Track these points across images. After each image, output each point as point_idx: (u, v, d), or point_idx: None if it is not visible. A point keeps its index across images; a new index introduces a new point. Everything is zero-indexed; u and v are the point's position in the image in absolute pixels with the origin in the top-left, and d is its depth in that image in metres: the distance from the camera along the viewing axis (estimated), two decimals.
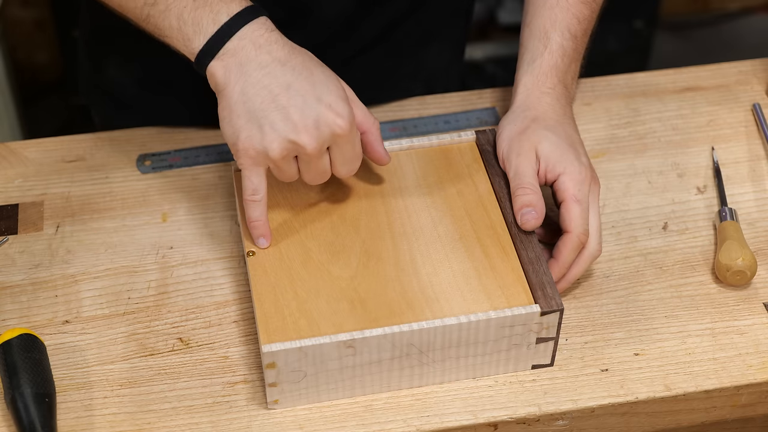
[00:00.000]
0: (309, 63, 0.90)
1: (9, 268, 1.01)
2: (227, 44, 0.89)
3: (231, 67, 0.89)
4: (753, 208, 1.07)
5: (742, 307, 0.98)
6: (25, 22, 2.32)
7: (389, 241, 0.94)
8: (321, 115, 0.88)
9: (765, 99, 1.18)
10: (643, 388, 0.91)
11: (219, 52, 0.89)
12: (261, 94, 0.88)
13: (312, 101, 0.88)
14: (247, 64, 0.89)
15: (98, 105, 1.25)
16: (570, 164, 0.95)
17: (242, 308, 0.97)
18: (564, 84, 1.03)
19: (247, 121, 0.88)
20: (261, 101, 0.88)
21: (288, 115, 0.87)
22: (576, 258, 0.94)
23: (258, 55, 0.89)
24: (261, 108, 0.88)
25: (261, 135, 0.88)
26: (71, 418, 0.89)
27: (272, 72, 0.88)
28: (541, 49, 1.03)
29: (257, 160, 0.89)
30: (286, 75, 0.88)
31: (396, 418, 0.89)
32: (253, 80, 0.88)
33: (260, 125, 0.88)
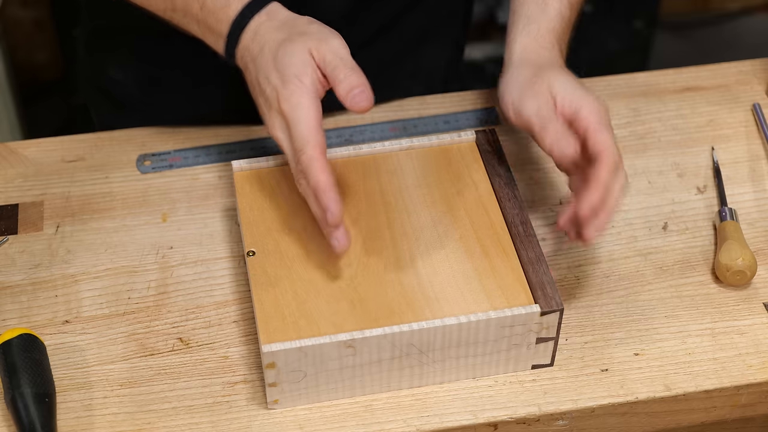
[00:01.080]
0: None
1: (9, 268, 1.01)
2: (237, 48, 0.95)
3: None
4: (753, 208, 1.07)
5: (742, 307, 0.98)
6: (25, 22, 2.32)
7: (389, 241, 0.94)
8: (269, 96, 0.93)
9: (765, 99, 1.18)
10: (643, 388, 0.91)
11: (236, 55, 0.95)
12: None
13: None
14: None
15: (98, 105, 1.25)
16: (586, 97, 0.94)
17: (242, 308, 0.97)
18: (560, 47, 1.02)
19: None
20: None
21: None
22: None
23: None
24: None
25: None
26: (71, 418, 0.89)
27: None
28: (538, 13, 1.02)
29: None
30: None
31: (396, 418, 0.89)
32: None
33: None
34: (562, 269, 1.01)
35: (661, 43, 2.44)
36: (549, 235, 1.04)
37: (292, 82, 0.89)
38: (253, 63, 0.93)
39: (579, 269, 1.01)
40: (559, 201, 1.07)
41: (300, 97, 0.89)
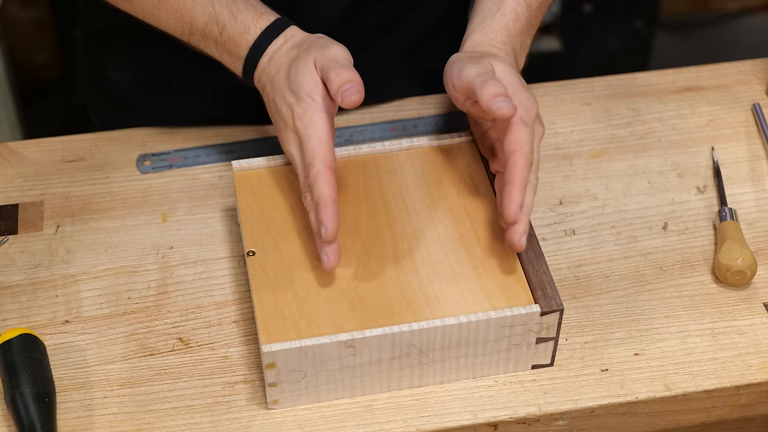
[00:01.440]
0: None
1: (9, 268, 1.01)
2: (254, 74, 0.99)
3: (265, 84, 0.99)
4: (753, 208, 1.07)
5: (742, 307, 0.98)
6: (25, 22, 2.32)
7: (389, 241, 0.94)
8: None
9: (765, 99, 1.18)
10: (643, 388, 0.91)
11: (255, 78, 1.00)
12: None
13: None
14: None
15: (97, 105, 1.25)
16: (518, 91, 0.94)
17: (242, 308, 0.97)
18: (512, 47, 1.02)
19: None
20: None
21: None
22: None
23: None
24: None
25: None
26: (71, 418, 0.89)
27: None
28: (493, 10, 1.03)
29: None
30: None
31: (396, 418, 0.89)
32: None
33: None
34: (562, 269, 1.01)
35: (661, 43, 2.44)
36: (549, 235, 1.04)
37: (305, 101, 0.92)
38: (270, 84, 0.96)
39: (579, 269, 1.01)
40: (559, 201, 1.07)
41: (312, 115, 0.92)
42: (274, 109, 0.96)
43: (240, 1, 0.99)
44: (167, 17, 1.00)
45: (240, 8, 0.98)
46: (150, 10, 1.01)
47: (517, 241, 0.90)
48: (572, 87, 1.20)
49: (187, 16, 0.99)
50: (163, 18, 1.01)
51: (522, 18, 1.03)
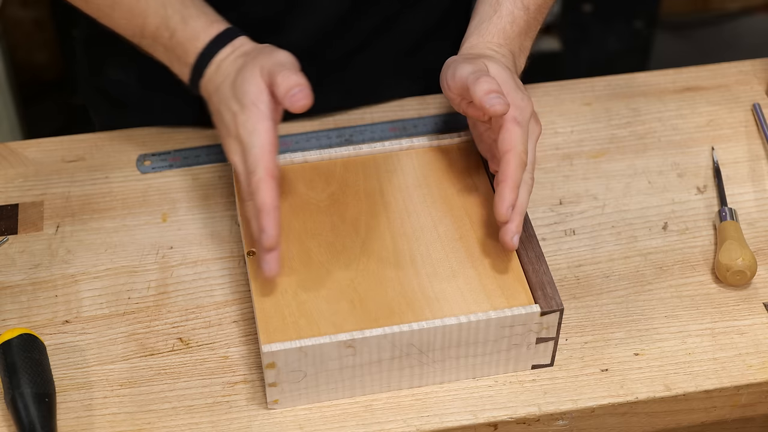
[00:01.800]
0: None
1: (9, 268, 1.01)
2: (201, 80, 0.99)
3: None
4: (753, 208, 1.07)
5: (742, 307, 0.98)
6: (25, 22, 2.32)
7: (389, 241, 0.94)
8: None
9: (765, 99, 1.18)
10: (643, 388, 0.91)
11: (201, 86, 0.99)
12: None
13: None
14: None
15: (96, 105, 1.25)
16: (513, 92, 0.94)
17: (242, 308, 0.97)
18: (510, 49, 1.02)
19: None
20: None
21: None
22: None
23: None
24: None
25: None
26: (71, 418, 0.89)
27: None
28: (490, 13, 1.03)
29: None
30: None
31: (396, 418, 0.89)
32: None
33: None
34: (562, 269, 1.01)
35: (661, 43, 2.44)
36: (549, 235, 1.04)
37: (248, 109, 0.91)
38: (216, 93, 0.96)
39: (579, 269, 1.01)
40: (559, 201, 1.07)
41: (256, 122, 0.91)
42: (218, 117, 0.96)
43: (192, 8, 0.99)
44: (120, 18, 1.00)
45: (191, 14, 0.98)
46: (104, 10, 1.01)
47: (509, 240, 0.90)
48: (572, 87, 1.20)
49: (139, 18, 0.99)
50: (116, 18, 1.01)
51: (520, 20, 1.03)
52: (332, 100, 1.16)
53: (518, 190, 0.91)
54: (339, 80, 1.17)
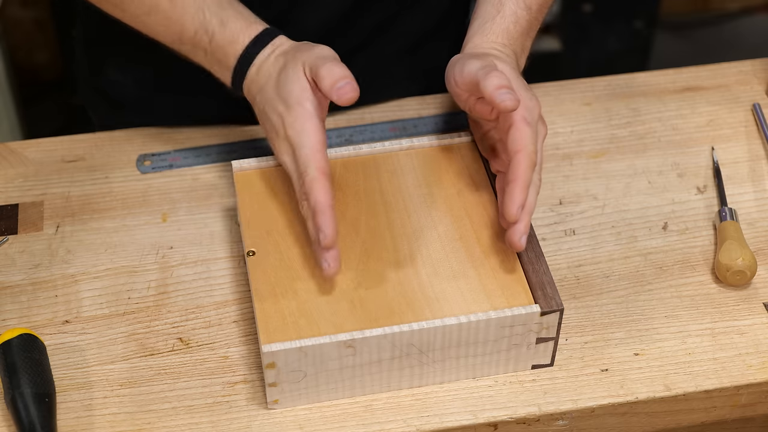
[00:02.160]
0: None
1: (9, 268, 1.01)
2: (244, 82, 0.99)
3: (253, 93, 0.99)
4: (753, 208, 1.07)
5: (742, 307, 0.98)
6: (25, 22, 2.32)
7: (389, 241, 0.94)
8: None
9: (765, 99, 1.18)
10: (643, 388, 0.91)
11: (244, 88, 0.99)
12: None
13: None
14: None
15: (95, 106, 1.25)
16: (521, 90, 0.94)
17: (242, 308, 0.97)
18: (513, 50, 1.02)
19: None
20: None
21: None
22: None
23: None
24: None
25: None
26: (71, 418, 0.89)
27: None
28: (493, 14, 1.02)
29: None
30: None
31: (396, 418, 0.89)
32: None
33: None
34: (562, 269, 1.01)
35: (661, 43, 2.44)
36: (549, 235, 1.04)
37: (295, 109, 0.92)
38: (260, 94, 0.96)
39: (579, 269, 1.01)
40: (559, 201, 1.07)
41: (304, 122, 0.92)
42: (265, 118, 0.96)
43: (230, 9, 0.99)
44: (157, 24, 1.00)
45: (229, 17, 0.98)
46: (141, 18, 1.01)
47: (517, 240, 0.90)
48: (572, 87, 1.20)
49: (177, 24, 0.99)
50: (153, 25, 1.01)
51: (522, 20, 1.03)
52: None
53: (528, 190, 0.91)
54: None
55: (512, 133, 0.92)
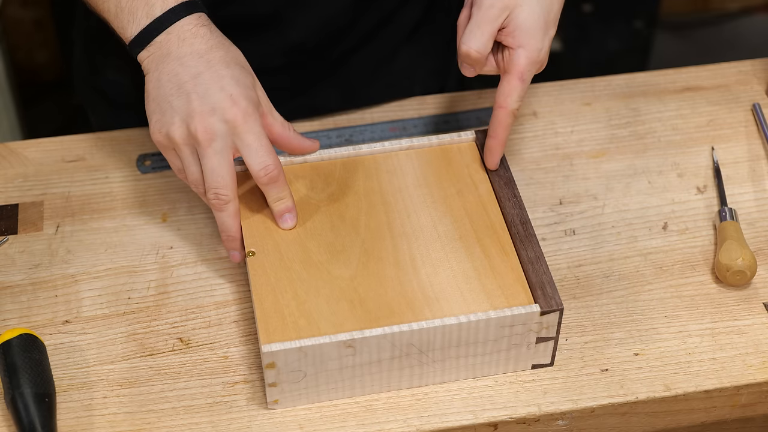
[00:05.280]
0: (227, 58, 0.92)
1: (9, 268, 1.01)
2: (156, 38, 0.92)
3: (154, 57, 0.93)
4: (753, 208, 1.07)
5: (742, 307, 0.98)
6: (25, 22, 2.32)
7: (389, 241, 0.94)
8: (218, 103, 0.90)
9: (765, 99, 1.18)
10: (643, 388, 0.91)
11: (148, 45, 0.93)
12: (171, 81, 0.91)
13: (215, 90, 0.90)
14: (167, 56, 0.92)
15: (94, 106, 1.25)
16: (533, 40, 0.95)
17: (242, 308, 0.97)
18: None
19: (156, 106, 0.92)
20: (169, 88, 0.91)
21: (189, 100, 0.90)
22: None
23: (179, 47, 0.92)
24: (168, 94, 0.91)
25: (163, 119, 0.91)
26: (71, 418, 0.89)
27: (186, 62, 0.91)
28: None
29: (166, 146, 0.92)
30: (198, 66, 0.91)
31: (396, 418, 0.89)
32: (168, 69, 0.92)
33: (163, 110, 0.91)
34: (562, 269, 1.01)
35: (661, 43, 2.44)
36: (549, 235, 1.04)
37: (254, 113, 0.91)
38: (197, 58, 0.92)
39: (579, 269, 1.01)
40: (559, 201, 1.07)
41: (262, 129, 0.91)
42: (198, 95, 0.90)
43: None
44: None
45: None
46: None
47: (492, 162, 0.98)
48: (572, 87, 1.20)
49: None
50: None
51: None
52: (332, 99, 1.16)
53: (505, 142, 0.97)
54: (339, 79, 1.17)
55: (501, 85, 0.95)
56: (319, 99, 1.16)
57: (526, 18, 0.95)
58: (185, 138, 0.90)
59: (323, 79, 1.16)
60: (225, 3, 1.08)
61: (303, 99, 1.16)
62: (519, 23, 0.95)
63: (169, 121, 0.90)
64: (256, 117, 0.91)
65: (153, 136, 0.92)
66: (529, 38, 0.94)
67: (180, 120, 0.90)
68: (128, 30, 0.93)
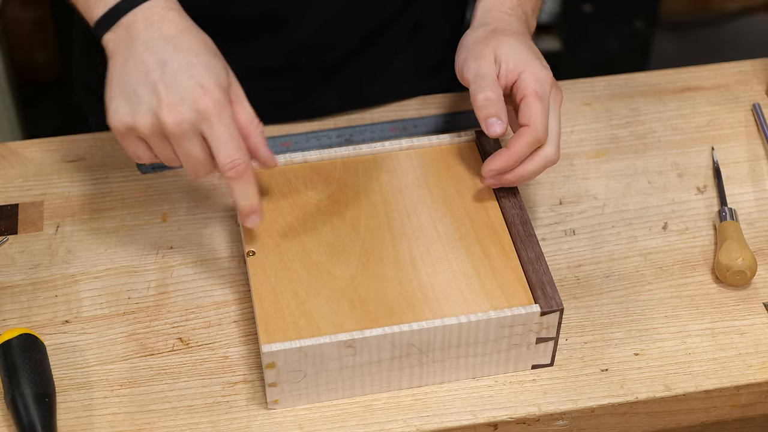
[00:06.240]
0: (197, 45, 0.89)
1: (9, 268, 1.01)
2: (122, 19, 0.89)
3: (120, 40, 0.89)
4: (753, 208, 1.07)
5: (742, 307, 0.98)
6: (25, 22, 2.32)
7: (389, 241, 0.94)
8: (188, 92, 0.86)
9: (765, 99, 1.19)
10: (643, 388, 0.91)
11: (113, 26, 0.89)
12: (137, 67, 0.88)
13: (183, 79, 0.87)
14: (134, 39, 0.88)
15: (93, 106, 1.25)
16: (531, 63, 0.95)
17: (242, 308, 0.97)
18: (523, 9, 1.02)
19: (118, 93, 0.88)
20: (135, 75, 0.87)
21: (156, 89, 0.87)
22: (530, 155, 0.94)
23: (147, 31, 0.88)
24: (133, 81, 0.87)
25: (128, 108, 0.87)
26: (71, 418, 0.89)
27: (153, 48, 0.88)
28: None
29: (126, 133, 0.88)
30: (166, 52, 0.88)
31: (396, 418, 0.89)
32: (134, 54, 0.88)
33: (128, 98, 0.87)
34: (562, 269, 1.01)
35: (661, 43, 2.44)
36: (549, 235, 1.04)
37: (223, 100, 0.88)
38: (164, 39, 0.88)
39: (579, 269, 1.01)
40: (559, 201, 1.07)
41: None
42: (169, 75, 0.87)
43: None
44: None
45: None
46: None
47: (485, 175, 0.95)
48: (572, 87, 1.20)
49: None
50: None
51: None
52: (332, 101, 1.16)
53: (516, 163, 0.94)
54: (340, 81, 1.17)
55: (522, 107, 0.93)
56: (319, 101, 1.16)
57: (510, 52, 0.95)
58: (152, 128, 0.87)
59: (323, 81, 1.16)
60: (225, 4, 1.08)
61: (303, 101, 1.16)
62: (506, 58, 0.95)
63: (134, 111, 0.87)
64: (228, 107, 0.88)
65: (111, 121, 0.88)
66: (526, 62, 0.95)
67: (147, 110, 0.86)
68: (94, 11, 0.90)
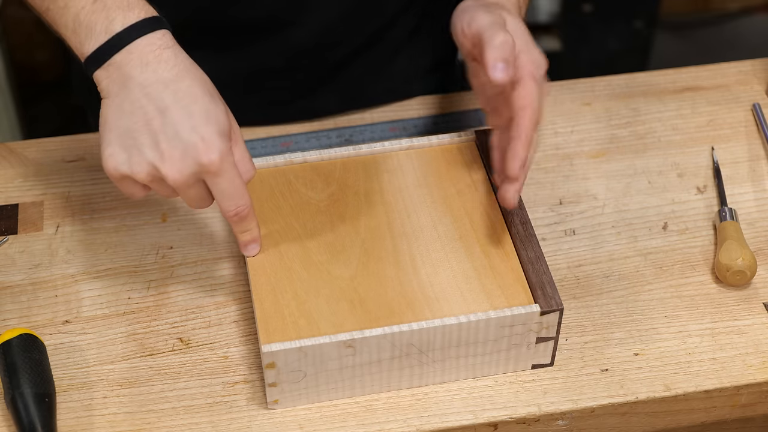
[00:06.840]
0: (195, 89, 0.86)
1: (9, 268, 1.01)
2: (115, 56, 0.86)
3: (114, 79, 0.86)
4: (753, 208, 1.07)
5: (742, 307, 0.98)
6: (25, 22, 2.32)
7: (389, 241, 0.94)
8: (189, 147, 0.84)
9: (765, 99, 1.19)
10: (643, 388, 0.91)
11: (105, 63, 0.86)
12: (136, 114, 0.85)
13: (185, 131, 0.84)
14: (129, 80, 0.86)
15: (93, 106, 1.24)
16: (529, 46, 0.94)
17: (242, 308, 0.97)
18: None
19: (116, 138, 0.86)
20: (134, 122, 0.85)
21: (157, 141, 0.84)
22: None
23: (142, 72, 0.86)
24: (133, 129, 0.85)
25: (125, 156, 0.85)
26: (71, 418, 0.89)
27: (152, 93, 0.85)
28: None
29: (121, 179, 0.87)
30: (165, 99, 0.85)
31: (396, 418, 0.89)
32: (132, 98, 0.85)
33: (126, 146, 0.85)
34: (562, 269, 1.01)
35: (661, 43, 2.44)
36: (549, 235, 1.04)
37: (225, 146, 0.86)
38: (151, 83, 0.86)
39: (579, 269, 1.01)
40: (559, 201, 1.07)
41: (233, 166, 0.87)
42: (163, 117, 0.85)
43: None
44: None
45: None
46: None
47: (511, 197, 0.92)
48: (572, 87, 1.20)
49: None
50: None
51: None
52: (332, 102, 1.16)
53: (530, 147, 0.91)
54: (340, 82, 1.17)
55: (519, 89, 0.92)
56: (319, 102, 1.16)
57: (513, 29, 0.95)
58: (151, 178, 0.85)
59: (324, 81, 1.16)
60: (226, 5, 1.08)
61: (303, 102, 1.16)
62: (514, 34, 0.94)
63: (132, 161, 0.85)
64: (230, 156, 0.86)
65: (105, 167, 0.86)
66: (528, 44, 0.95)
67: (146, 162, 0.85)
68: (85, 46, 0.87)
